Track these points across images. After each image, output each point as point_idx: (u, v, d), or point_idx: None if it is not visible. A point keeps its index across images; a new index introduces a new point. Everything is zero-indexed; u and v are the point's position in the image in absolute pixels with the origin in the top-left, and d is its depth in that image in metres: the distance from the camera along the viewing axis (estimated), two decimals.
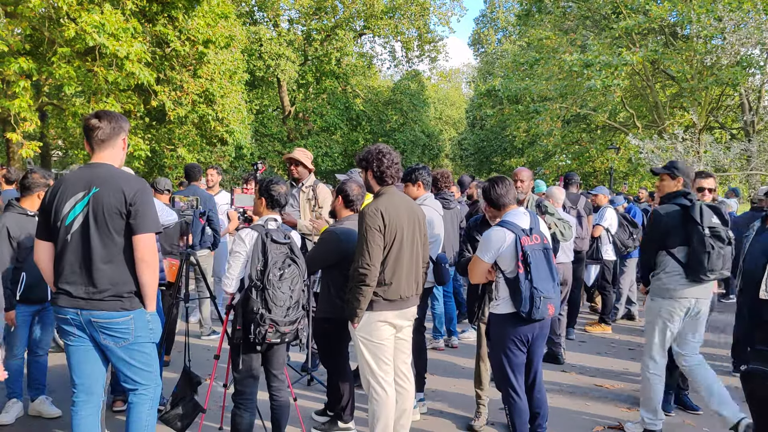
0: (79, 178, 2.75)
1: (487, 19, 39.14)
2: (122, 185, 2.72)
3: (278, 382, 3.39)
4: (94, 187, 2.71)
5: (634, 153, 14.70)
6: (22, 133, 10.56)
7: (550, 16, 18.37)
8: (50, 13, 10.04)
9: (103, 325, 2.73)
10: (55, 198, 2.74)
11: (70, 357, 2.81)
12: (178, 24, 12.00)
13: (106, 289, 2.70)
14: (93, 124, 2.79)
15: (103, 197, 2.69)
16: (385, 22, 25.18)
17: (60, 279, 2.73)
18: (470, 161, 32.58)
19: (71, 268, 2.71)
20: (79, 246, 2.70)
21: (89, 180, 2.73)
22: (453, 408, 4.41)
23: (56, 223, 2.73)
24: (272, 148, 24.70)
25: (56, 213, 2.73)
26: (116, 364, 2.83)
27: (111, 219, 2.69)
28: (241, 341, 3.10)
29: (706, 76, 13.95)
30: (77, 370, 2.81)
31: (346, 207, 3.76)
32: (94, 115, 2.83)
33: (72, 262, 2.71)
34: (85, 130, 2.83)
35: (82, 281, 2.70)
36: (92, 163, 2.82)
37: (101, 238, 2.69)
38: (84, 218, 2.70)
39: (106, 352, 2.81)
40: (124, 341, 2.76)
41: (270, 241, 3.08)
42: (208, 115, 13.75)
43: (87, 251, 2.69)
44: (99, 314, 2.71)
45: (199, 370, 3.84)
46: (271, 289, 3.00)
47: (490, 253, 3.35)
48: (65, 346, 2.83)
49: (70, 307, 2.71)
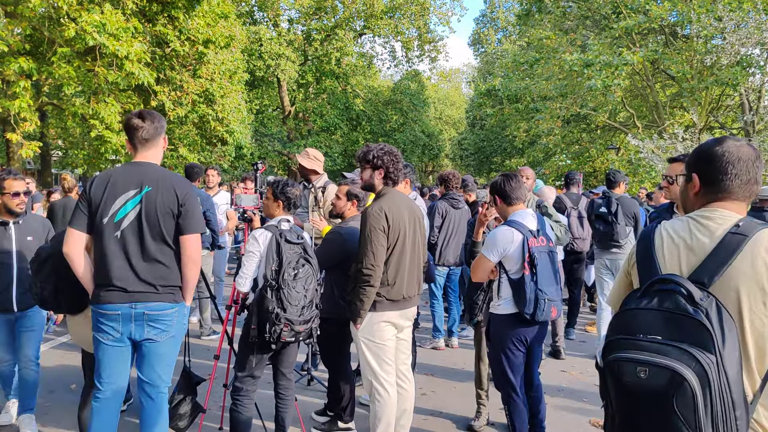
0: (129, 176, 2.77)
1: (487, 19, 39.15)
2: (174, 186, 2.80)
3: (286, 380, 3.43)
4: (147, 186, 2.75)
5: (634, 153, 14.70)
6: (21, 133, 10.56)
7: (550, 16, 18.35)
8: (50, 12, 10.03)
9: (154, 317, 2.78)
10: (103, 193, 2.73)
11: (104, 356, 2.80)
12: (178, 24, 12.00)
13: (161, 283, 2.78)
14: (137, 123, 2.82)
15: (156, 197, 2.75)
16: (385, 22, 25.17)
17: (109, 275, 2.72)
18: (470, 161, 32.58)
19: (123, 264, 2.73)
20: (132, 242, 2.73)
21: (141, 178, 2.77)
22: (453, 408, 4.41)
23: (102, 219, 2.73)
24: (272, 148, 24.70)
25: (103, 208, 2.73)
26: (150, 360, 2.84)
27: (163, 218, 2.76)
28: (256, 340, 3.12)
29: (706, 76, 13.94)
30: (110, 369, 2.80)
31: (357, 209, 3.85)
32: (137, 115, 2.85)
33: (123, 259, 2.73)
34: (128, 129, 2.85)
35: (137, 276, 2.74)
36: (139, 162, 2.84)
37: (153, 236, 2.75)
38: (136, 216, 2.74)
39: (142, 348, 2.82)
40: (166, 333, 2.83)
41: (284, 242, 3.12)
42: (208, 115, 13.76)
43: (141, 248, 2.74)
44: (154, 305, 2.77)
45: (199, 371, 3.84)
46: (286, 289, 3.03)
47: (495, 253, 3.34)
48: (99, 344, 2.80)
49: (125, 302, 2.73)
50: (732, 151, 1.62)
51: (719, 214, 1.62)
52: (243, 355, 3.25)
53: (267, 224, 3.34)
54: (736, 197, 1.63)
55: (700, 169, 1.69)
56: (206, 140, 15.01)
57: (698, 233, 1.60)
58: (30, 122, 10.35)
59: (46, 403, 4.23)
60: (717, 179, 1.64)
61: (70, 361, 5.16)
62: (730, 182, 1.62)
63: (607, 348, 1.54)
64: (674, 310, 1.47)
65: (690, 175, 1.71)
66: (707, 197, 1.67)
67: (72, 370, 4.91)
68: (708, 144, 1.69)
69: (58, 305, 3.08)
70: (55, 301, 3.05)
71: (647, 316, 1.50)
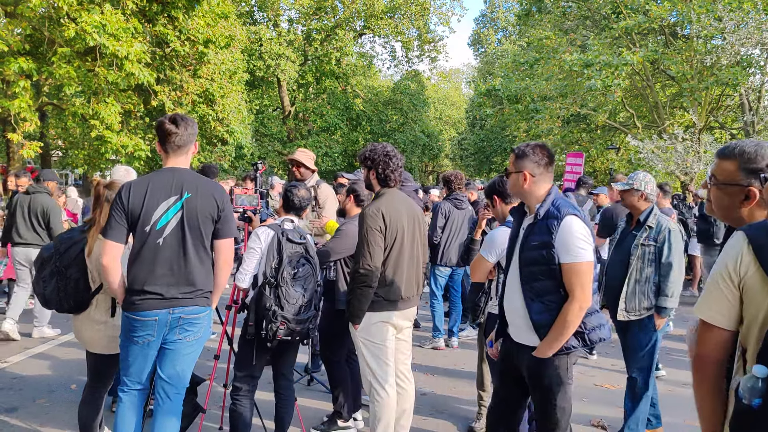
0: (167, 182, 2.76)
1: (487, 19, 39.17)
2: (212, 191, 2.83)
3: (286, 381, 3.44)
4: (186, 192, 2.76)
5: (634, 153, 14.69)
6: (22, 134, 10.56)
7: (550, 16, 18.35)
8: (50, 13, 10.04)
9: (190, 320, 2.81)
10: (142, 201, 2.71)
11: (135, 358, 2.79)
12: (178, 24, 12.00)
13: (199, 288, 2.81)
14: (171, 129, 2.79)
15: (197, 202, 2.77)
16: (385, 22, 25.18)
17: (149, 282, 2.71)
18: (470, 161, 32.59)
19: (164, 271, 2.73)
20: (174, 249, 2.74)
21: (179, 185, 2.77)
22: (453, 409, 4.41)
23: (144, 227, 2.71)
24: (272, 148, 24.71)
25: (144, 216, 2.71)
26: (174, 359, 2.85)
27: (204, 224, 2.79)
28: (254, 338, 3.13)
29: (706, 76, 13.93)
30: (139, 367, 2.82)
31: (357, 206, 3.87)
32: (171, 121, 2.82)
33: (165, 265, 2.73)
34: (161, 134, 2.81)
35: (177, 282, 2.75)
36: (174, 168, 2.83)
37: (194, 242, 2.77)
38: (178, 222, 2.75)
39: (167, 347, 2.83)
40: (195, 335, 2.86)
41: (286, 240, 3.13)
42: (209, 115, 13.76)
43: (183, 254, 2.75)
44: (190, 310, 2.80)
45: (198, 371, 3.84)
46: (284, 287, 3.04)
47: (494, 253, 3.34)
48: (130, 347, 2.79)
49: (163, 308, 2.74)
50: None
51: None
52: (243, 355, 3.25)
53: (270, 223, 3.36)
54: None
55: None
56: (206, 140, 15.02)
57: None
58: (30, 122, 10.35)
59: (46, 403, 4.23)
60: None
61: (70, 360, 5.15)
62: None
63: None
64: None
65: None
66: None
67: (72, 369, 4.91)
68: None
69: (60, 305, 3.08)
70: (58, 301, 3.06)
71: None
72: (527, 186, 2.60)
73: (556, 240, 2.46)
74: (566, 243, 2.44)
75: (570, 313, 2.44)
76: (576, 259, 2.44)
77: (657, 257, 3.58)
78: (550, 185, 2.63)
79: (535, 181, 2.59)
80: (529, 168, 2.59)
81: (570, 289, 2.45)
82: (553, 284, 2.49)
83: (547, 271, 2.49)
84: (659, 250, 3.57)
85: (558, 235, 2.46)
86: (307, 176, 4.94)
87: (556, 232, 2.46)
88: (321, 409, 4.25)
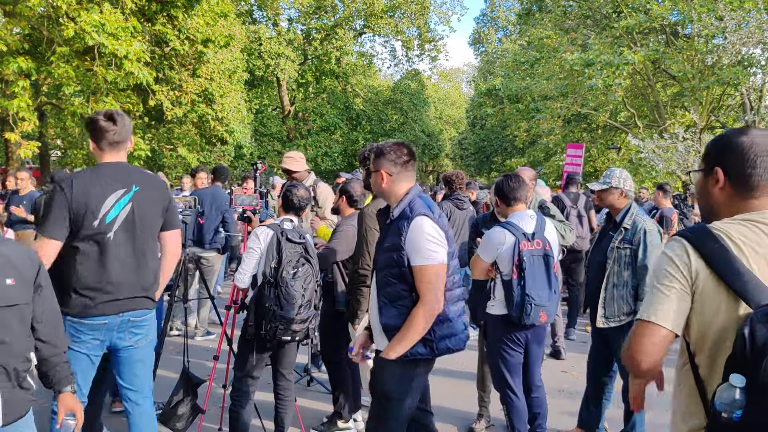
0: (112, 176, 2.66)
1: (488, 18, 39.14)
2: (158, 183, 2.80)
3: (285, 381, 3.42)
4: (134, 186, 2.67)
5: (635, 153, 14.68)
6: (20, 133, 10.53)
7: (550, 15, 18.34)
8: (49, 12, 10.02)
9: (138, 323, 2.73)
10: (88, 194, 2.55)
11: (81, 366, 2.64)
12: (178, 23, 11.97)
13: (148, 287, 2.73)
14: (108, 126, 2.68)
15: (147, 195, 2.70)
16: (385, 21, 25.16)
17: (99, 282, 2.57)
18: (470, 161, 32.55)
19: (115, 269, 2.60)
20: (125, 244, 2.63)
21: (126, 177, 2.68)
22: (453, 409, 4.38)
23: (91, 221, 2.55)
24: (272, 148, 24.69)
25: (93, 210, 2.55)
26: (131, 366, 2.78)
27: (155, 217, 2.73)
28: (253, 338, 3.11)
29: (708, 76, 13.92)
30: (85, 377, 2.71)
31: (349, 206, 3.85)
32: (108, 117, 2.70)
33: (116, 263, 2.60)
34: (95, 130, 2.69)
35: (128, 281, 2.64)
36: (117, 162, 2.72)
37: (145, 236, 2.69)
38: (127, 216, 2.64)
39: (120, 355, 2.74)
40: (146, 339, 2.79)
41: (285, 240, 3.11)
42: (208, 114, 13.74)
43: (134, 249, 2.65)
44: (137, 313, 2.71)
45: (198, 371, 3.82)
46: (284, 287, 3.02)
47: (489, 253, 3.33)
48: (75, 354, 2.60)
49: (116, 312, 2.62)
50: (759, 142, 1.47)
51: None
52: (242, 356, 3.24)
53: (270, 223, 3.34)
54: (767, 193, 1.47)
55: (724, 161, 1.50)
56: (206, 140, 15.00)
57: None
58: (29, 122, 10.32)
59: (46, 404, 4.20)
60: (745, 173, 1.46)
61: None
62: (759, 177, 1.45)
63: None
64: None
65: (711, 169, 1.52)
66: (738, 195, 1.48)
67: None
68: (731, 133, 1.53)
69: None
70: None
71: None
72: (386, 185, 2.50)
73: (405, 241, 2.34)
74: (415, 244, 2.33)
75: (417, 317, 2.31)
76: (426, 261, 2.32)
77: (633, 260, 3.43)
78: (410, 185, 2.51)
79: (393, 180, 2.48)
80: (386, 167, 2.49)
81: (419, 292, 2.33)
82: (405, 288, 2.37)
83: (398, 274, 2.37)
84: (635, 252, 3.41)
85: (407, 236, 2.34)
86: (302, 178, 4.91)
87: (406, 233, 2.34)
88: (321, 409, 4.23)
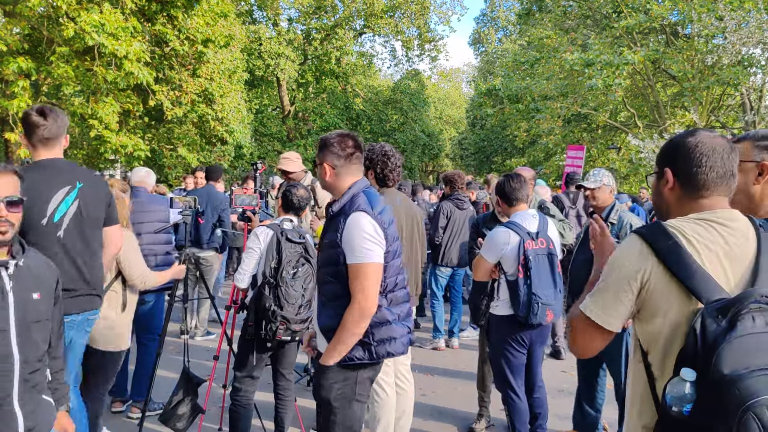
0: (54, 174, 2.62)
1: (488, 18, 39.11)
2: (99, 180, 2.80)
3: (285, 381, 3.43)
4: (78, 182, 2.64)
5: (635, 153, 14.67)
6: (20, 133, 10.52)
7: (550, 15, 18.33)
8: (49, 12, 10.01)
9: (91, 322, 2.72)
10: (34, 193, 2.48)
11: None
12: (178, 23, 11.96)
13: (100, 284, 2.73)
14: (38, 121, 2.62)
15: (92, 191, 2.67)
16: (385, 21, 25.15)
17: None
18: (470, 161, 32.53)
19: (70, 268, 2.59)
20: (76, 242, 2.62)
21: (69, 175, 2.65)
22: (453, 410, 4.38)
23: (39, 220, 2.53)
24: (272, 148, 24.66)
25: (39, 209, 2.52)
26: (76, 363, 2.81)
27: (99, 213, 2.72)
28: (253, 338, 3.10)
29: (708, 76, 13.91)
30: None
31: None
32: (39, 112, 2.64)
33: (69, 261, 2.60)
34: (28, 126, 2.63)
35: (84, 279, 2.64)
36: (56, 159, 2.68)
37: (92, 232, 2.68)
38: (75, 213, 2.62)
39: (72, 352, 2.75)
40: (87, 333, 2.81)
41: (285, 240, 3.11)
42: (208, 114, 13.73)
43: (84, 248, 2.64)
44: (93, 312, 2.71)
45: (198, 371, 3.81)
46: (284, 287, 3.02)
47: (493, 253, 3.32)
48: None
49: (79, 311, 2.63)
50: (705, 142, 1.49)
51: (737, 214, 1.48)
52: (242, 356, 3.24)
53: (270, 222, 3.34)
54: (718, 192, 1.49)
55: (671, 162, 1.54)
56: (206, 140, 14.98)
57: (732, 238, 1.42)
58: None
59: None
60: (691, 172, 1.49)
61: None
62: (705, 175, 1.48)
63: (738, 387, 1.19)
64: None
65: (662, 171, 1.55)
66: (688, 195, 1.51)
67: None
68: (679, 135, 1.56)
69: None
70: None
71: None
72: (329, 179, 2.38)
73: (342, 238, 2.24)
74: (350, 242, 2.21)
75: (349, 319, 2.19)
76: (360, 259, 2.20)
77: None
78: (355, 178, 2.38)
79: (337, 173, 2.36)
80: (330, 159, 2.36)
81: (351, 291, 2.21)
82: (342, 287, 2.24)
83: (335, 273, 2.26)
84: None
85: (344, 232, 2.23)
86: (299, 178, 4.89)
87: (342, 230, 2.24)
88: None
